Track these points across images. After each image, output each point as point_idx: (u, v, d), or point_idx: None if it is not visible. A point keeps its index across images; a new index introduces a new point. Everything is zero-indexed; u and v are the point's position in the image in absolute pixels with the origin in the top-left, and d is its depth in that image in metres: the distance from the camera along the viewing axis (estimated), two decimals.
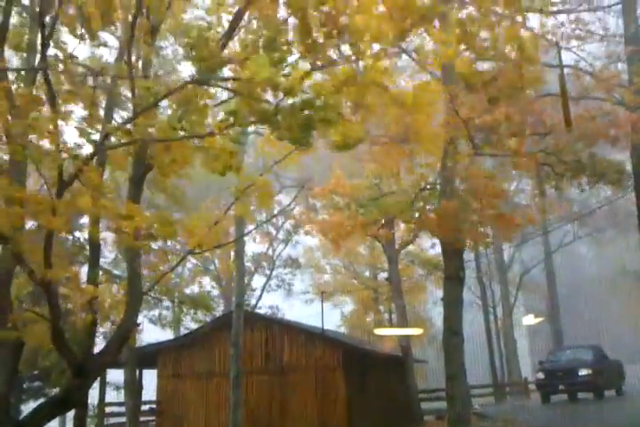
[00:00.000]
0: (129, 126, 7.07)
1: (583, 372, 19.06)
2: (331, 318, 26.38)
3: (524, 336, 31.31)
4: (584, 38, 13.34)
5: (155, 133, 6.97)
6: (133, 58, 7.80)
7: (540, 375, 20.24)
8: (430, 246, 18.05)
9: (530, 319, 27.32)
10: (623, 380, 21.54)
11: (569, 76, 13.67)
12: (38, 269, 6.74)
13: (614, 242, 29.78)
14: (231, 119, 6.66)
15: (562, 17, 13.70)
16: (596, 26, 14.37)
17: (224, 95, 8.77)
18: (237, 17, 7.26)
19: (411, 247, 23.03)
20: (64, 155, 6.84)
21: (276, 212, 21.95)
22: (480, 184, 12.50)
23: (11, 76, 8.06)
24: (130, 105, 8.75)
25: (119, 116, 12.80)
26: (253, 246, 29.06)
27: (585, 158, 12.35)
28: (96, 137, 7.07)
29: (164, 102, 7.41)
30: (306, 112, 6.31)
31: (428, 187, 13.98)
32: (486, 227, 14.08)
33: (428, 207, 13.44)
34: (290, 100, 6.42)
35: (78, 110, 7.90)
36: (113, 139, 7.43)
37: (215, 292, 29.30)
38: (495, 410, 20.41)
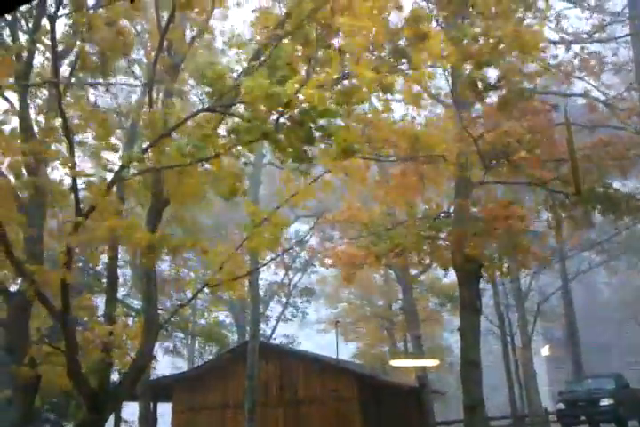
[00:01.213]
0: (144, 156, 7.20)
1: (605, 402, 18.61)
2: (346, 348, 26.12)
3: (543, 365, 30.71)
4: (596, 69, 13.45)
5: (168, 163, 7.08)
6: (154, 93, 8.03)
7: (561, 406, 19.78)
8: (444, 276, 17.90)
9: (548, 349, 26.85)
10: None
11: (581, 105, 13.78)
12: (55, 300, 6.83)
13: (631, 268, 29.41)
14: (232, 138, 6.70)
15: (575, 48, 13.86)
16: (609, 55, 14.52)
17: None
18: (255, 56, 7.44)
19: (425, 276, 22.88)
20: (82, 185, 7.01)
21: (292, 241, 22.02)
22: (495, 211, 12.47)
23: (33, 114, 8.29)
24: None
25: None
26: (269, 275, 29.07)
27: (598, 188, 12.32)
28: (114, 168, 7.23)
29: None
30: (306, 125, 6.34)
31: (442, 215, 13.97)
32: (503, 256, 13.97)
33: (442, 236, 13.37)
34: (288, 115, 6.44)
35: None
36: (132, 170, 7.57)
37: (228, 320, 29.22)
38: None
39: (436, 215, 14.05)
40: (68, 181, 7.41)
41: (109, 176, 7.49)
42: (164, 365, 23.05)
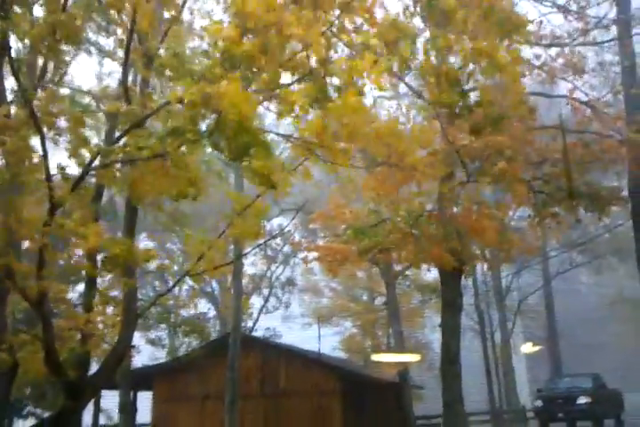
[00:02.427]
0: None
1: (582, 400, 18.90)
2: (329, 341, 26.20)
3: (523, 363, 31.05)
4: (580, 71, 13.56)
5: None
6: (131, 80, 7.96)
7: (539, 403, 20.07)
8: (427, 270, 18.09)
9: (528, 347, 27.16)
10: (622, 409, 21.35)
11: (565, 105, 13.90)
12: (32, 289, 6.79)
13: (613, 269, 29.76)
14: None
15: (555, 49, 13.94)
16: (591, 57, 14.62)
17: None
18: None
19: (408, 272, 23.01)
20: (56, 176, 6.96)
21: (274, 234, 22.05)
22: (473, 211, 12.62)
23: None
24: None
25: None
26: (251, 268, 29.06)
27: (581, 186, 12.48)
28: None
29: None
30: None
31: (426, 214, 14.05)
32: (484, 251, 14.13)
33: (425, 234, 13.46)
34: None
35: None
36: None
37: (211, 313, 29.21)
38: None
39: (419, 214, 14.13)
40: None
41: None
42: (145, 355, 23.05)
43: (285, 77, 7.17)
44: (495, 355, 28.58)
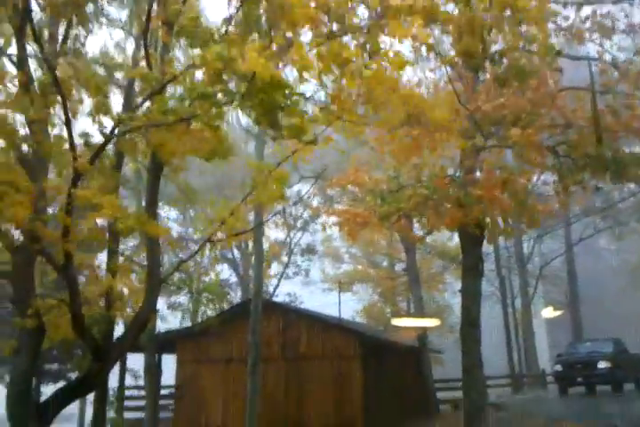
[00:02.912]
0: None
1: (602, 365, 18.96)
2: (349, 307, 26.50)
3: (543, 328, 31.17)
4: (608, 31, 13.04)
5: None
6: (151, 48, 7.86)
7: (558, 367, 20.17)
8: (448, 238, 18.05)
9: (549, 312, 27.17)
10: None
11: (594, 68, 13.44)
12: (58, 255, 6.90)
13: (636, 234, 29.38)
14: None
15: (585, 10, 13.39)
16: (621, 17, 14.03)
17: None
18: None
19: (429, 238, 22.97)
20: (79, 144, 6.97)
21: (294, 201, 22.08)
22: (495, 175, 12.40)
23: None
24: None
25: None
26: (272, 234, 29.28)
27: (607, 153, 12.16)
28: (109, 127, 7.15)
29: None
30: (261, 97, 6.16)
31: (447, 179, 13.89)
32: (507, 218, 13.96)
33: (446, 199, 13.32)
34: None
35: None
36: None
37: (233, 279, 29.62)
38: (512, 401, 20.42)
39: (440, 179, 13.97)
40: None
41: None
42: (170, 320, 23.52)
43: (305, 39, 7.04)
44: (515, 320, 28.69)
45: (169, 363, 18.93)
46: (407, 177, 14.62)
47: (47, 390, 10.71)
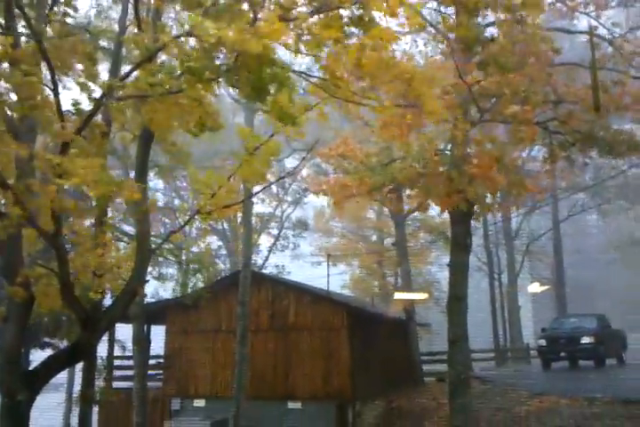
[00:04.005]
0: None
1: (585, 340, 19.31)
2: (337, 280, 26.69)
3: (529, 303, 31.61)
4: (602, 5, 12.90)
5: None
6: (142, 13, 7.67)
7: (542, 342, 20.53)
8: (438, 214, 18.10)
9: (535, 287, 27.55)
10: (625, 349, 21.84)
11: (586, 43, 13.33)
12: (46, 224, 6.84)
13: (623, 212, 29.67)
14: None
15: None
16: None
17: None
18: None
19: (417, 213, 23.07)
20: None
21: (284, 173, 21.96)
22: (485, 150, 12.39)
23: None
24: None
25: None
26: (261, 208, 29.25)
27: (597, 128, 12.16)
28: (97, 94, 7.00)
29: None
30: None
31: (438, 152, 13.86)
32: (494, 193, 14.01)
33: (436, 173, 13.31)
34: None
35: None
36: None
37: (222, 251, 29.70)
38: (496, 374, 20.82)
39: (430, 153, 13.93)
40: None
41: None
42: (156, 290, 23.61)
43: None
44: (502, 295, 29.06)
45: (158, 334, 19.07)
46: (398, 149, 14.59)
47: (34, 357, 10.77)
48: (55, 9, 8.69)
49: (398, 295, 20.98)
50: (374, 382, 18.10)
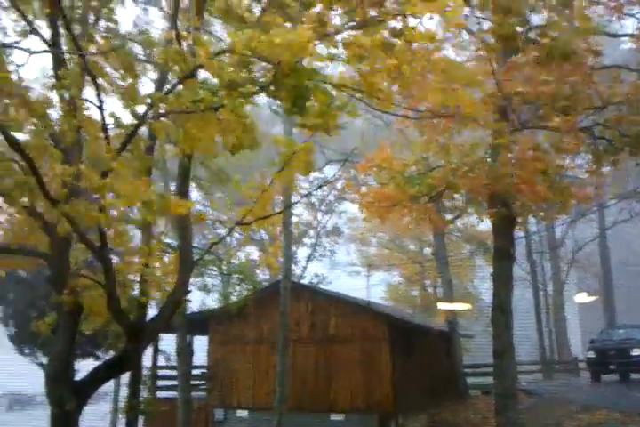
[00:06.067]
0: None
1: (636, 351, 18.66)
2: (376, 290, 26.50)
3: (575, 314, 30.75)
4: None
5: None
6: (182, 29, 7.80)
7: (591, 354, 19.90)
8: (478, 222, 17.79)
9: (582, 297, 26.77)
10: None
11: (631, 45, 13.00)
12: (93, 236, 6.98)
13: None
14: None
15: None
16: None
17: None
18: None
19: (458, 223, 22.78)
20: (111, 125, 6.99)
21: (320, 183, 22.06)
22: (529, 157, 12.12)
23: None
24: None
25: None
26: (296, 218, 29.34)
27: None
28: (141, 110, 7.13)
29: None
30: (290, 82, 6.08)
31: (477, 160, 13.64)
32: (538, 202, 13.69)
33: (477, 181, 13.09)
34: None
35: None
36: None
37: (260, 261, 29.82)
38: (543, 387, 20.25)
39: (471, 161, 13.74)
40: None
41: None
42: (197, 301, 23.81)
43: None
44: (547, 306, 28.35)
45: (200, 344, 19.24)
46: (436, 158, 14.43)
47: (79, 367, 10.98)
48: (99, 24, 8.94)
49: (441, 306, 20.67)
50: (417, 394, 17.81)
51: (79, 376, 8.17)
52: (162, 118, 7.28)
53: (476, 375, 21.85)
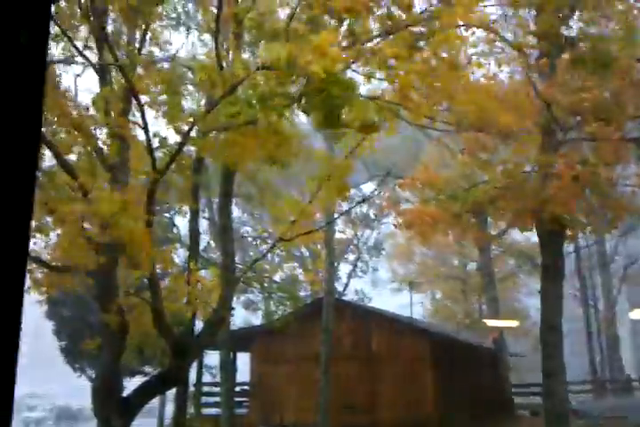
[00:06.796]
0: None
1: None
2: (419, 307, 26.16)
3: (628, 331, 29.61)
4: None
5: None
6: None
7: None
8: (525, 238, 17.46)
9: (637, 314, 25.76)
10: None
11: None
12: (142, 260, 7.09)
13: None
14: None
15: None
16: None
17: None
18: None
19: (502, 238, 22.31)
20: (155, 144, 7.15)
21: (362, 199, 21.96)
22: (575, 170, 11.82)
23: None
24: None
25: None
26: (339, 234, 29.23)
27: None
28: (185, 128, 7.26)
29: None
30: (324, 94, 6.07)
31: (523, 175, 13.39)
32: (588, 215, 13.31)
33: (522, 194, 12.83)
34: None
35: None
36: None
37: (302, 277, 29.77)
38: (594, 408, 19.48)
39: (516, 175, 13.49)
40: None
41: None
42: (240, 318, 23.91)
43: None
44: (598, 322, 27.41)
45: (243, 361, 19.28)
46: (479, 173, 14.22)
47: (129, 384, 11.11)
48: (145, 47, 9.19)
49: (488, 322, 20.20)
50: (462, 413, 17.36)
51: (127, 393, 8.27)
52: (205, 136, 7.42)
53: (522, 395, 21.19)
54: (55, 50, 8.32)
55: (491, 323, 20.00)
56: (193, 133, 7.20)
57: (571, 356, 16.91)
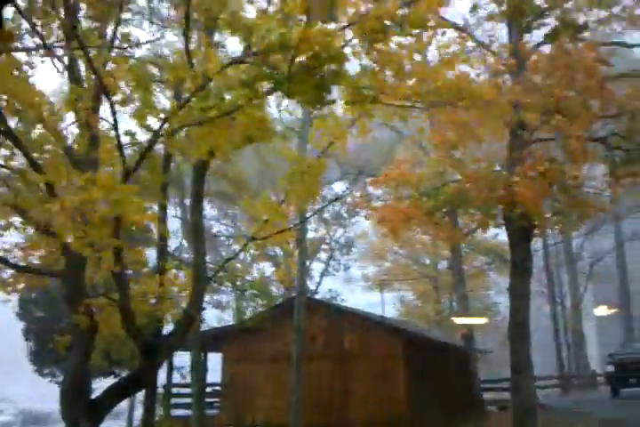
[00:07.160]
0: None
1: None
2: (390, 306, 26.32)
3: (593, 328, 30.31)
4: None
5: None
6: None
7: (610, 368, 19.56)
8: (494, 235, 17.70)
9: (602, 310, 26.39)
10: None
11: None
12: (107, 255, 6.98)
13: None
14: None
15: None
16: None
17: None
18: None
19: (472, 236, 22.60)
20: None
21: (334, 195, 22.05)
22: (546, 167, 12.02)
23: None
24: None
25: None
26: (311, 233, 29.24)
27: None
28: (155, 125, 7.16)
29: None
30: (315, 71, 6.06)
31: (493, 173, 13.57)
32: (555, 213, 13.56)
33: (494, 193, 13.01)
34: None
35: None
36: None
37: (274, 276, 29.70)
38: (561, 402, 19.89)
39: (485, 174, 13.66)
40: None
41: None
42: (212, 318, 23.77)
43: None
44: (565, 319, 27.97)
45: (214, 361, 19.13)
46: (451, 171, 14.36)
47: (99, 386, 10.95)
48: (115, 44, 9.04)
49: (457, 320, 20.44)
50: (433, 410, 17.54)
51: (96, 395, 8.13)
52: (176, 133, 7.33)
53: (493, 390, 21.51)
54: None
55: (460, 321, 20.25)
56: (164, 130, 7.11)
57: (538, 351, 17.23)
